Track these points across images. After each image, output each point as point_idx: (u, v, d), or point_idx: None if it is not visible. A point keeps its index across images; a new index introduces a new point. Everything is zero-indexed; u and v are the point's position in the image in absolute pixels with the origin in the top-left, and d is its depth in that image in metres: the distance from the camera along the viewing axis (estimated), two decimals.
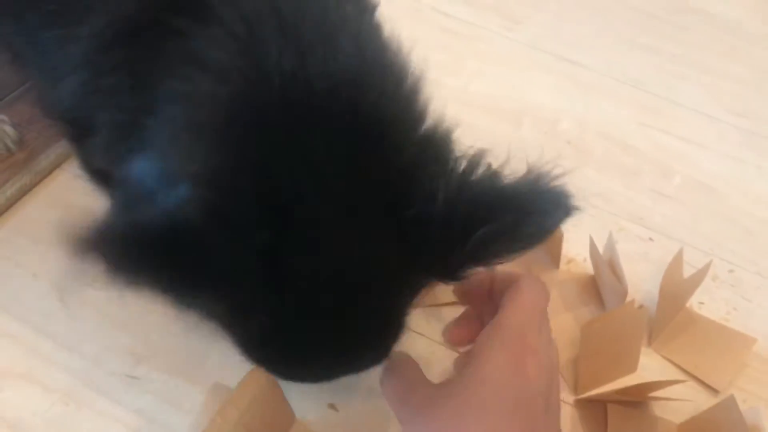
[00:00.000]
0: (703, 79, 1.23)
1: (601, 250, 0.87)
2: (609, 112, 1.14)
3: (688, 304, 0.88)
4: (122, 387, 0.71)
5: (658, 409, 0.78)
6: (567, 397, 0.78)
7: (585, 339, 0.76)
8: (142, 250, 0.39)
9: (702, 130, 1.14)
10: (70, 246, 0.39)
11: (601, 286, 0.86)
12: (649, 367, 0.82)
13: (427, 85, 0.57)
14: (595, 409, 0.77)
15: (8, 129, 0.88)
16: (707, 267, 0.84)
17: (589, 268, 0.90)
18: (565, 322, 0.84)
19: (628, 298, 0.83)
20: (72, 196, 0.85)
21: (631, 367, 0.79)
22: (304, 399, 0.72)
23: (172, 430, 0.68)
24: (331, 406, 0.74)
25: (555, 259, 0.88)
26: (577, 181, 0.96)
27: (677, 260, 0.85)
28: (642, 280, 0.90)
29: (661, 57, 1.26)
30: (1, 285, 0.76)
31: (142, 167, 0.46)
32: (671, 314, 0.85)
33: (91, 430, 0.68)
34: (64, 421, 0.68)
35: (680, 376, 0.82)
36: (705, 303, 0.90)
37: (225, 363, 0.74)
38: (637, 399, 0.76)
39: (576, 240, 0.91)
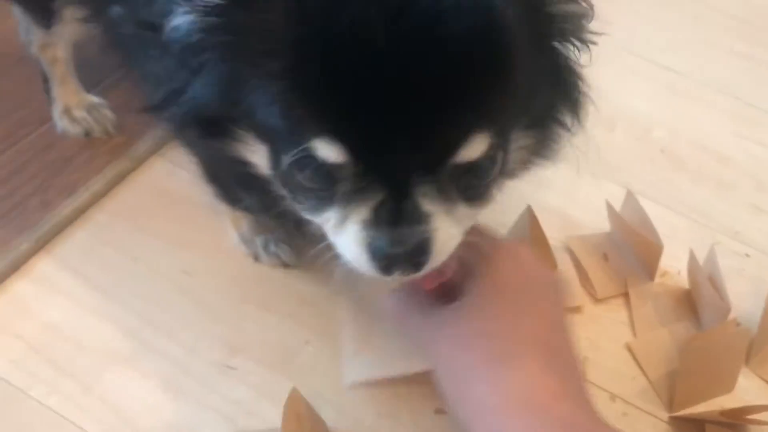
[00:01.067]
0: None
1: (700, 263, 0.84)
2: (703, 121, 1.11)
3: None
4: (219, 377, 0.71)
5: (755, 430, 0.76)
6: (661, 414, 0.76)
7: (684, 357, 0.75)
8: None
9: None
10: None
11: (698, 302, 0.84)
12: (747, 387, 0.80)
13: None
14: (689, 428, 0.75)
15: (107, 113, 0.90)
16: None
17: (683, 282, 0.88)
18: (659, 338, 0.82)
19: (737, 320, 0.81)
20: (169, 182, 0.86)
21: (729, 387, 0.78)
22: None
23: (268, 423, 0.68)
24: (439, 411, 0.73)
25: (651, 271, 0.86)
26: (674, 192, 0.96)
27: None
28: (739, 297, 0.87)
29: (757, 65, 1.22)
30: (102, 269, 0.78)
31: None
32: None
33: (187, 417, 0.69)
34: (162, 408, 0.69)
35: None
36: None
37: (317, 358, 0.74)
38: (735, 421, 0.74)
39: (670, 253, 0.89)
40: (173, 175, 0.87)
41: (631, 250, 0.88)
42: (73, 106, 0.88)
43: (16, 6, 0.85)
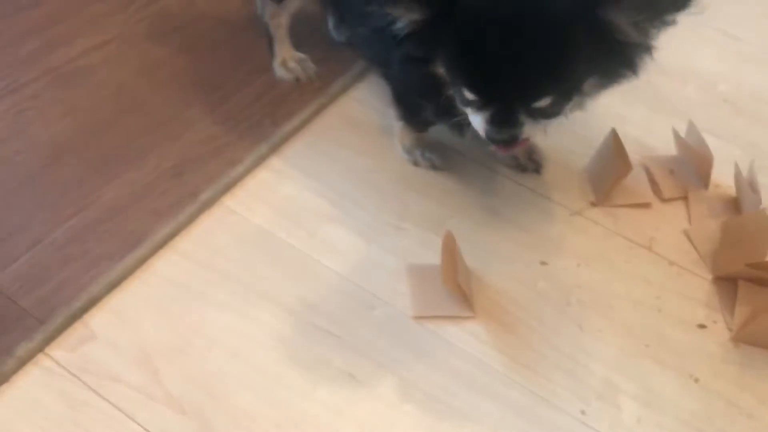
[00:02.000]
0: None
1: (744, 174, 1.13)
2: (762, 79, 1.37)
3: None
4: (393, 233, 1.07)
5: None
6: (706, 275, 1.06)
7: (724, 231, 1.03)
8: None
9: None
10: None
11: (741, 200, 1.12)
12: None
13: None
14: (728, 285, 1.04)
15: (311, 65, 1.26)
16: None
17: (733, 192, 1.16)
18: (709, 226, 1.10)
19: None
20: (354, 112, 1.22)
21: (763, 258, 1.05)
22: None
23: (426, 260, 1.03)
24: (543, 263, 1.06)
25: (704, 180, 1.15)
26: (733, 130, 1.23)
27: None
28: None
29: None
30: (314, 166, 1.14)
31: None
32: None
33: (374, 255, 1.04)
34: (359, 249, 1.05)
35: None
36: None
37: (457, 226, 1.08)
38: (764, 275, 1.02)
39: (724, 171, 1.17)
40: (357, 108, 1.23)
41: (692, 168, 1.17)
42: (288, 59, 1.25)
43: None
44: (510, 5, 0.83)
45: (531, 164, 1.16)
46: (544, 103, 0.87)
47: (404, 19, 0.86)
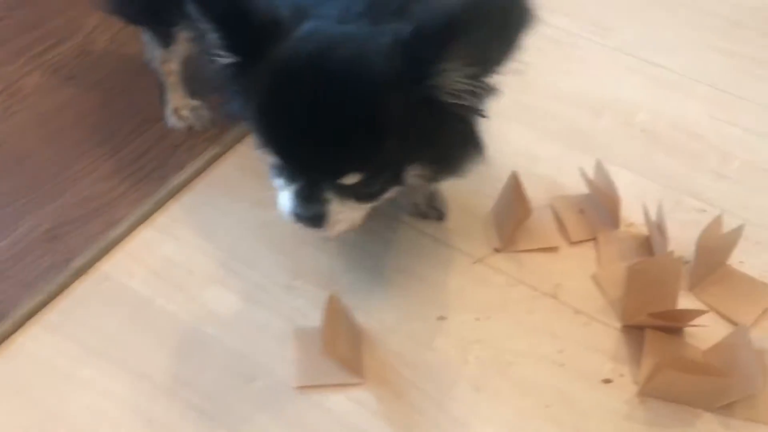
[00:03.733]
0: None
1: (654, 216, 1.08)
2: (683, 107, 1.33)
3: (728, 261, 1.08)
4: (284, 292, 1.00)
5: (689, 338, 0.99)
6: (615, 323, 1.00)
7: (630, 277, 0.98)
8: None
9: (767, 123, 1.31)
10: None
11: (652, 242, 1.07)
12: (688, 306, 1.02)
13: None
14: (637, 334, 0.98)
15: (205, 112, 1.20)
16: (740, 229, 1.03)
17: (646, 232, 1.11)
18: (618, 269, 1.05)
19: (675, 253, 1.04)
20: (250, 161, 1.16)
21: (671, 306, 1.00)
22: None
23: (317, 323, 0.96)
24: (441, 318, 1.00)
25: (615, 220, 1.10)
26: (648, 163, 1.18)
27: (716, 223, 1.04)
28: (691, 242, 1.09)
29: (740, 59, 1.43)
30: (204, 221, 1.08)
31: None
32: (712, 267, 1.05)
33: (262, 318, 0.98)
34: (245, 312, 0.99)
35: (714, 317, 1.02)
36: (744, 262, 1.08)
37: (353, 281, 1.02)
38: (671, 324, 0.97)
39: (637, 209, 1.12)
40: (255, 156, 1.17)
41: (602, 206, 1.12)
42: (181, 107, 1.20)
43: (146, 32, 1.17)
44: (319, 64, 0.74)
45: (432, 212, 1.11)
46: (351, 180, 0.78)
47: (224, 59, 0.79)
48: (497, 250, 1.08)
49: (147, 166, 1.14)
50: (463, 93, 0.76)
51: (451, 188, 1.14)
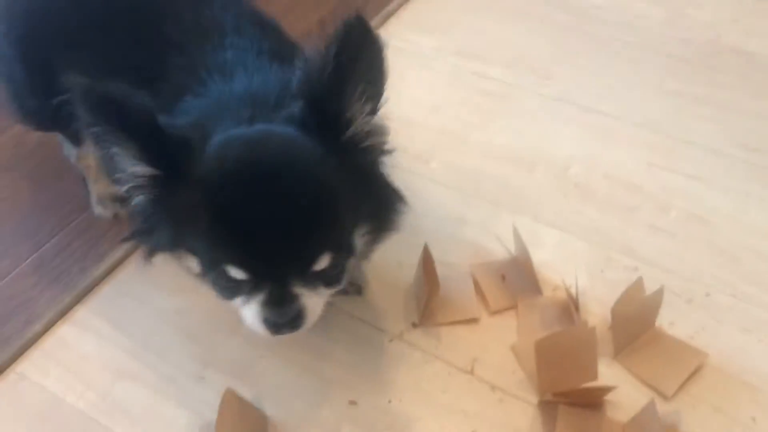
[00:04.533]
0: (723, 117, 1.35)
1: (585, 280, 1.05)
2: (621, 155, 1.29)
3: (658, 323, 1.04)
4: (194, 384, 1.00)
5: (611, 410, 0.95)
6: (532, 399, 0.97)
7: (539, 352, 0.94)
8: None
9: (710, 167, 1.27)
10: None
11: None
12: (611, 376, 0.99)
13: None
14: (553, 410, 0.95)
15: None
16: (660, 291, 1.00)
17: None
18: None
19: (591, 321, 1.01)
20: None
21: (592, 376, 0.96)
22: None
23: None
24: (352, 402, 0.98)
25: (534, 286, 1.07)
26: (579, 219, 1.15)
27: (636, 286, 1.01)
28: None
29: (685, 99, 1.39)
30: (121, 314, 1.09)
31: None
32: (636, 332, 1.01)
33: (170, 412, 0.97)
34: (153, 407, 0.98)
35: (638, 384, 0.98)
36: (675, 323, 1.05)
37: (267, 368, 1.01)
38: (586, 401, 0.94)
39: (565, 271, 1.09)
40: None
41: (523, 272, 1.09)
42: (105, 196, 1.21)
43: (59, 134, 1.19)
44: (258, 165, 0.75)
45: (351, 287, 1.09)
46: (323, 264, 0.77)
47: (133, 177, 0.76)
48: (415, 325, 1.06)
49: (69, 259, 1.15)
50: (371, 133, 0.79)
51: (372, 261, 1.13)
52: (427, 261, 1.05)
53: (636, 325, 1.01)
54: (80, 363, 1.03)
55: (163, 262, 1.13)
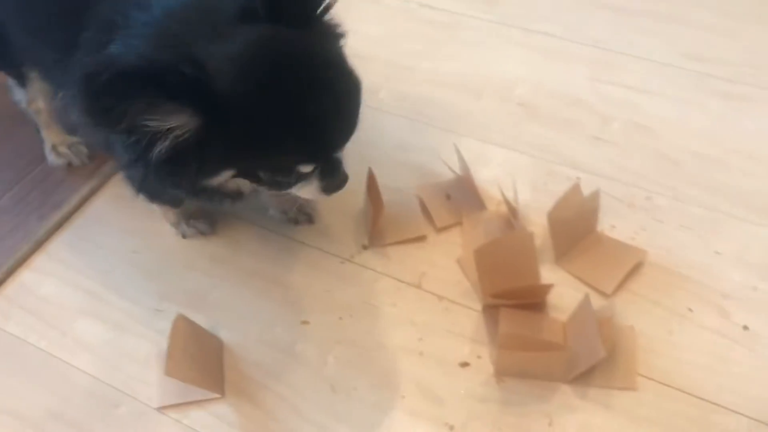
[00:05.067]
0: (665, 29, 1.37)
1: (529, 193, 1.08)
2: (564, 73, 1.31)
3: (599, 228, 1.07)
4: (151, 317, 1.03)
5: (553, 311, 0.99)
6: (476, 306, 1.01)
7: (478, 259, 0.97)
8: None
9: (652, 78, 1.29)
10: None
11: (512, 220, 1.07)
12: (554, 279, 1.01)
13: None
14: (496, 314, 0.98)
15: (83, 148, 1.23)
16: (596, 194, 1.03)
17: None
18: None
19: (530, 228, 1.04)
20: (125, 191, 1.19)
21: (533, 279, 0.99)
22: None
23: None
24: (304, 322, 1.02)
25: (480, 202, 1.10)
26: (524, 136, 1.18)
27: (573, 192, 1.03)
28: None
29: (626, 14, 1.41)
30: (80, 256, 1.11)
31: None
32: (576, 237, 1.04)
33: (130, 343, 1.01)
34: (114, 340, 1.01)
35: (579, 285, 1.02)
36: (617, 226, 1.08)
37: (221, 297, 1.04)
38: (526, 301, 0.97)
39: (509, 186, 1.11)
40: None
41: (468, 190, 1.12)
42: (58, 144, 1.23)
43: (5, 74, 1.17)
44: (281, 68, 0.75)
45: (302, 216, 1.12)
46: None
47: (172, 135, 0.72)
48: (365, 247, 1.09)
49: (27, 208, 1.17)
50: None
51: None
52: (371, 184, 1.07)
53: (575, 229, 1.04)
54: (41, 305, 1.06)
55: (117, 206, 1.17)
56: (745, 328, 0.96)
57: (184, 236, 1.12)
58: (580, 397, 0.91)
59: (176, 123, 0.71)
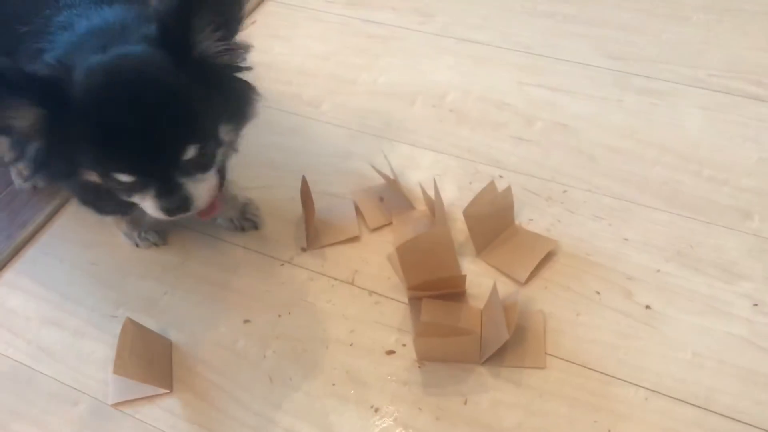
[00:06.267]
0: (590, 32, 1.46)
1: (455, 192, 1.17)
2: (493, 79, 1.40)
3: (517, 222, 1.16)
4: (107, 323, 1.13)
5: (473, 300, 1.08)
6: (404, 298, 1.10)
7: (400, 256, 1.06)
8: None
9: (575, 79, 1.38)
10: None
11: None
12: (474, 272, 1.11)
13: None
14: (419, 305, 1.07)
15: None
16: (508, 190, 1.12)
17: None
18: None
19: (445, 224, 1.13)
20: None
21: (453, 272, 1.08)
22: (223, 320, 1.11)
23: None
24: (246, 321, 1.11)
25: (408, 203, 1.19)
26: (452, 139, 1.27)
27: (488, 190, 1.12)
28: None
29: (555, 20, 1.50)
30: (44, 271, 1.21)
31: None
32: (495, 231, 1.13)
33: (87, 348, 1.10)
34: (73, 345, 1.11)
35: (496, 275, 1.10)
36: (534, 219, 1.17)
37: (171, 303, 1.14)
38: (446, 291, 1.06)
39: (440, 187, 1.20)
40: None
41: (398, 192, 1.21)
42: (23, 168, 1.33)
43: None
44: (118, 81, 0.87)
45: (247, 223, 1.22)
46: (190, 154, 0.91)
47: (19, 128, 0.87)
48: (303, 250, 1.18)
49: None
50: (223, 53, 0.92)
51: (266, 198, 1.25)
52: (304, 190, 1.17)
53: (492, 223, 1.13)
54: (8, 317, 1.16)
55: (77, 222, 1.27)
56: (647, 307, 1.05)
57: (137, 245, 1.22)
58: (494, 377, 1.00)
59: (25, 117, 0.85)
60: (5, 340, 1.13)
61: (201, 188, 0.95)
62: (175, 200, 0.93)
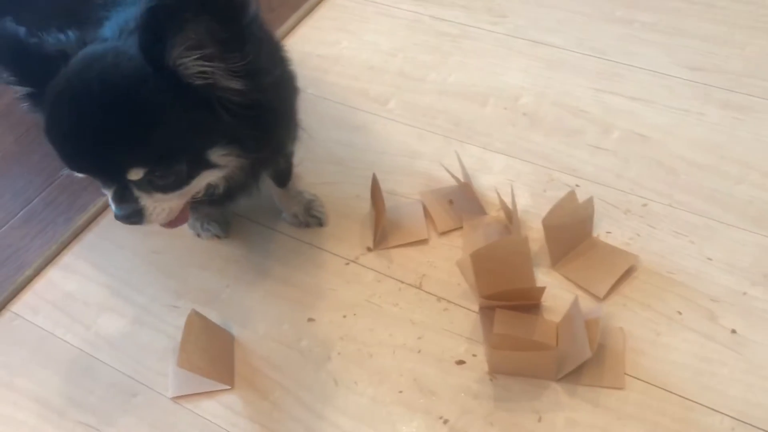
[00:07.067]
0: (668, 41, 1.41)
1: (528, 199, 1.13)
2: (568, 84, 1.36)
3: (595, 234, 1.11)
4: (168, 313, 1.10)
5: (547, 313, 1.04)
6: (474, 307, 1.06)
7: (475, 263, 1.02)
8: None
9: (653, 89, 1.33)
10: None
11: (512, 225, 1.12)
12: (549, 284, 1.06)
13: None
14: (491, 315, 1.03)
15: None
16: (589, 201, 1.08)
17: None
18: None
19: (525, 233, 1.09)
20: None
21: (528, 282, 1.04)
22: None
23: None
24: (310, 320, 1.08)
25: (480, 207, 1.15)
26: (525, 144, 1.23)
27: (568, 199, 1.08)
28: None
29: (632, 27, 1.45)
30: (103, 256, 1.19)
31: None
32: (572, 242, 1.09)
33: (147, 337, 1.08)
34: (133, 334, 1.08)
35: (574, 289, 1.06)
36: (612, 232, 1.12)
37: (232, 296, 1.11)
38: (521, 303, 1.02)
39: (509, 192, 1.16)
40: None
41: (469, 196, 1.17)
42: None
43: None
44: (78, 79, 0.80)
45: (312, 219, 1.18)
46: (135, 176, 0.82)
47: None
48: (369, 250, 1.15)
49: (55, 211, 1.25)
50: (212, 74, 0.79)
51: (332, 195, 1.22)
52: (374, 189, 1.13)
53: (570, 234, 1.09)
54: (67, 301, 1.14)
55: None
56: (733, 332, 1.00)
57: (198, 236, 1.19)
58: (569, 395, 0.96)
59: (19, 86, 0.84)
60: (64, 324, 1.11)
61: (159, 207, 0.88)
62: (123, 210, 0.87)
